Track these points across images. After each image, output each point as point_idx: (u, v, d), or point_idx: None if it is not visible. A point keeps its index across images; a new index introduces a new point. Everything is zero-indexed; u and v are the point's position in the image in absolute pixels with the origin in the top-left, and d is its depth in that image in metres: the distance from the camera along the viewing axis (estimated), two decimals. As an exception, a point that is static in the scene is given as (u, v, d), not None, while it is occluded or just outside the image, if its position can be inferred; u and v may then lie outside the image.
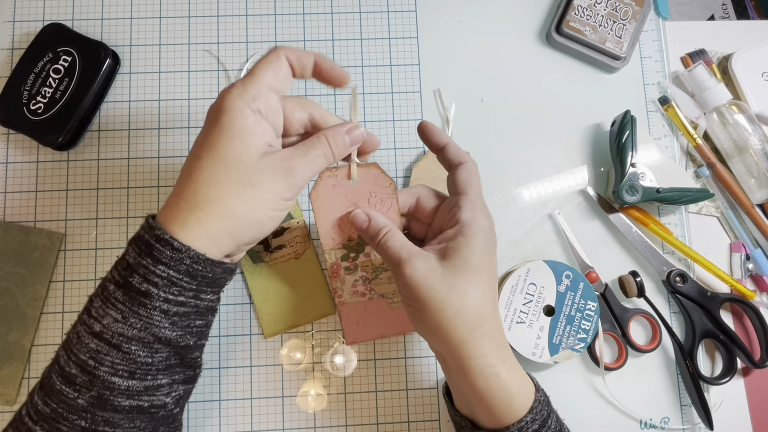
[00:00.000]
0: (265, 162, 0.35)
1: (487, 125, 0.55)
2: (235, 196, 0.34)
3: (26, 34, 0.54)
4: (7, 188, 0.51)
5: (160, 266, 0.33)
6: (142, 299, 0.33)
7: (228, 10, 0.55)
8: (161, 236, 0.33)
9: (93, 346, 0.33)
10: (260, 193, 0.34)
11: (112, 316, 0.33)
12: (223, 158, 0.34)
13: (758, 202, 0.53)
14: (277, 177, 0.35)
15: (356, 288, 0.46)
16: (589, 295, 0.49)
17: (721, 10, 0.87)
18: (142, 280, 0.33)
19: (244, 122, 0.34)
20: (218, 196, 0.34)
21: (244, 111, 0.34)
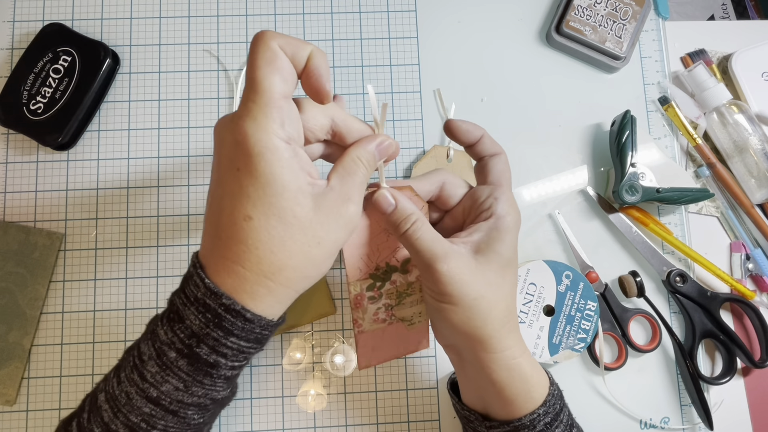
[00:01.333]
0: (323, 213, 0.31)
1: (487, 125, 0.54)
2: (304, 259, 0.31)
3: (26, 34, 0.54)
4: (7, 188, 0.51)
5: (232, 338, 0.31)
6: (209, 369, 0.31)
7: (228, 10, 0.55)
8: (231, 307, 0.30)
9: (147, 410, 0.31)
10: (326, 248, 0.32)
11: (173, 384, 0.31)
12: (279, 217, 0.30)
13: (758, 202, 0.53)
14: (338, 224, 0.32)
15: (377, 315, 0.43)
16: (589, 295, 0.49)
17: (721, 10, 0.87)
18: (211, 352, 0.31)
19: (284, 167, 0.30)
20: (286, 262, 0.31)
21: (278, 150, 0.30)
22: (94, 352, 0.49)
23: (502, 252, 0.36)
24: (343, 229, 0.32)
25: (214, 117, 0.53)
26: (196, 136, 0.53)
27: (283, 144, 0.30)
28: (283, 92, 0.30)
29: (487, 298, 0.35)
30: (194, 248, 0.51)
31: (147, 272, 0.50)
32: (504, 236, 0.36)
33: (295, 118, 0.31)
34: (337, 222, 0.32)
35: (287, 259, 0.31)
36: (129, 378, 0.31)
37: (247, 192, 0.30)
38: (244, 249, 0.30)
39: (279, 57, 0.30)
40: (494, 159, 0.39)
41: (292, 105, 0.31)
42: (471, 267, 0.35)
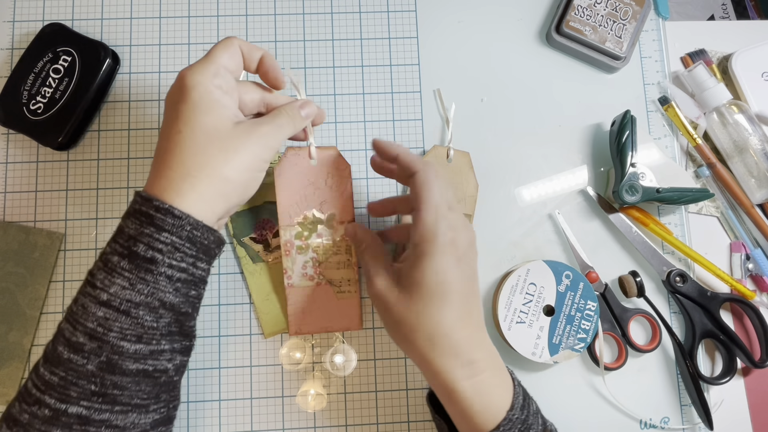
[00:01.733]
0: (240, 129, 0.38)
1: (487, 125, 0.55)
2: (223, 160, 0.37)
3: (26, 34, 0.54)
4: (7, 188, 0.51)
5: (164, 233, 0.35)
6: (148, 266, 0.35)
7: (228, 10, 0.55)
8: (161, 206, 0.35)
9: (101, 314, 0.34)
10: (243, 155, 0.38)
11: (119, 284, 0.34)
12: (202, 129, 0.37)
13: (758, 202, 0.53)
14: (253, 140, 0.38)
15: (306, 270, 0.48)
16: (589, 295, 0.49)
17: (721, 10, 0.87)
18: (147, 248, 0.35)
19: (211, 96, 0.37)
20: (207, 161, 0.36)
21: (208, 86, 0.37)
22: (94, 352, 0.49)
23: (419, 279, 0.38)
24: (257, 144, 0.38)
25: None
26: (196, 136, 0.53)
27: (212, 86, 0.37)
28: (225, 64, 0.39)
29: (407, 323, 0.38)
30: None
31: (147, 272, 0.50)
32: (421, 263, 0.38)
33: (229, 79, 0.39)
34: (251, 138, 0.38)
35: (209, 160, 0.36)
36: (82, 292, 0.35)
37: (180, 114, 0.37)
38: (171, 156, 0.36)
39: (234, 47, 0.40)
40: (411, 180, 0.41)
41: (230, 76, 0.39)
42: (393, 292, 0.39)
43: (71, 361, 0.34)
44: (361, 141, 0.53)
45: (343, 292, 0.49)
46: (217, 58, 0.38)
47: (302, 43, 0.55)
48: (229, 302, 0.50)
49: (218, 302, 0.50)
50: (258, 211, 0.51)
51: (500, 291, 0.49)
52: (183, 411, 0.49)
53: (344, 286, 0.49)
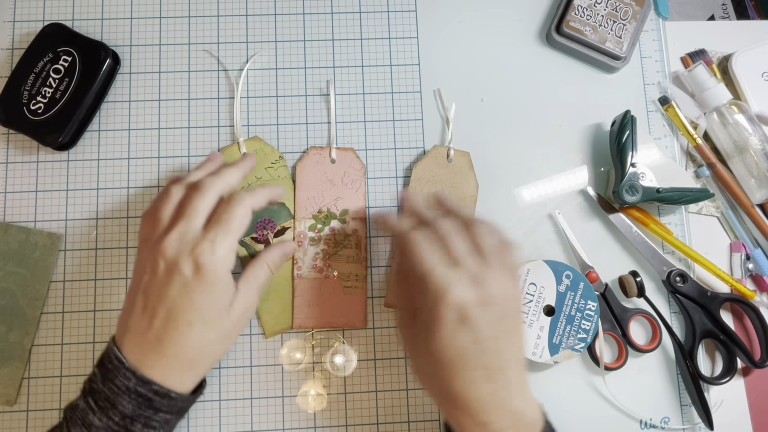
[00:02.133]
0: (237, 318, 0.40)
1: (487, 125, 0.55)
2: (220, 353, 0.41)
3: (26, 34, 0.54)
4: (7, 188, 0.51)
5: (160, 413, 0.38)
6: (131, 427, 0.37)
7: (228, 10, 0.55)
8: (160, 390, 0.38)
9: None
10: (233, 341, 0.42)
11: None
12: (210, 321, 0.39)
13: (758, 202, 0.53)
14: (244, 324, 0.42)
15: (316, 262, 0.50)
16: (589, 295, 0.49)
17: (721, 10, 0.87)
18: (143, 427, 0.38)
19: (225, 282, 0.39)
20: (209, 356, 0.40)
21: (229, 281, 0.40)
22: (94, 352, 0.49)
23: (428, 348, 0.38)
24: (243, 323, 0.42)
25: (214, 117, 0.53)
26: (196, 136, 0.53)
27: (230, 277, 0.40)
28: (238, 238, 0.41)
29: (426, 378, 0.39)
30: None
31: (147, 272, 0.50)
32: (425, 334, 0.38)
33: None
34: (244, 323, 0.42)
35: (210, 354, 0.40)
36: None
37: (195, 303, 0.38)
38: (179, 349, 0.38)
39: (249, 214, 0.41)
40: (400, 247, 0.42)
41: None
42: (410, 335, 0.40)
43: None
44: (362, 141, 0.53)
45: (350, 287, 0.50)
46: (234, 230, 0.40)
47: (302, 43, 0.55)
48: (229, 302, 0.50)
49: (218, 302, 0.50)
50: (259, 212, 0.51)
51: (500, 291, 0.49)
52: (183, 411, 0.49)
53: (351, 281, 0.50)
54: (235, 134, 0.52)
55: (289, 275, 0.50)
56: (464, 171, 0.52)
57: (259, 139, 0.52)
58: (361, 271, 0.50)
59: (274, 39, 0.55)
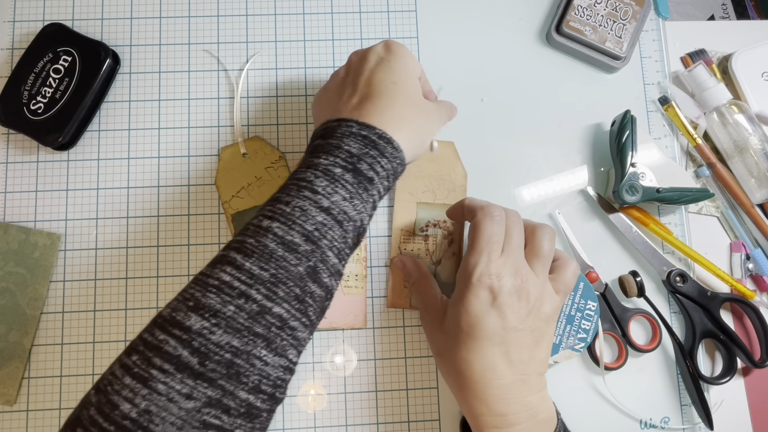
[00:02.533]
0: (429, 105, 0.44)
1: (487, 125, 0.55)
2: (424, 119, 0.42)
3: (26, 34, 0.54)
4: (7, 188, 0.51)
5: (383, 159, 0.38)
6: (367, 185, 0.37)
7: (228, 10, 0.55)
8: (383, 135, 0.38)
9: (320, 219, 0.34)
10: (432, 124, 0.44)
11: (341, 194, 0.35)
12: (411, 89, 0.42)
13: (758, 202, 0.53)
14: (434, 117, 0.44)
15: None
16: (590, 295, 0.49)
17: (721, 10, 0.87)
18: (369, 168, 0.37)
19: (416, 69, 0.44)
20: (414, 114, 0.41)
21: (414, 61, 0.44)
22: (94, 352, 0.49)
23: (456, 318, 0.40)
24: (434, 121, 0.44)
25: (214, 117, 0.53)
26: (196, 136, 0.53)
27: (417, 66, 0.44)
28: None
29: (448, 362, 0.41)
30: (194, 248, 0.51)
31: (147, 272, 0.50)
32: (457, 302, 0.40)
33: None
34: (433, 115, 0.44)
35: (415, 112, 0.41)
36: (299, 196, 0.35)
37: (393, 70, 0.41)
38: (387, 99, 0.40)
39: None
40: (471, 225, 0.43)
41: None
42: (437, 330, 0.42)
43: (285, 260, 0.33)
44: (361, 141, 0.53)
45: (350, 287, 0.50)
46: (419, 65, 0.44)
47: (302, 43, 0.55)
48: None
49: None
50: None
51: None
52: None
53: (352, 281, 0.50)
54: (235, 134, 0.52)
55: None
56: (451, 161, 0.52)
57: (259, 138, 0.52)
58: (362, 271, 0.50)
59: (274, 39, 0.55)
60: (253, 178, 0.51)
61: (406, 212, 0.51)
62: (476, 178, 0.53)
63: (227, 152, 0.52)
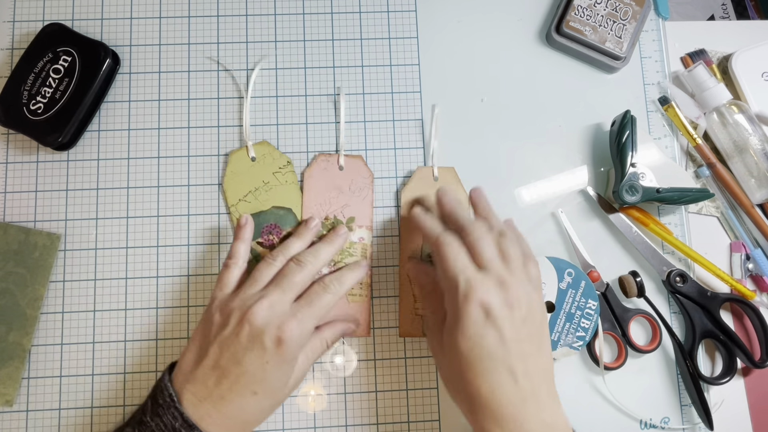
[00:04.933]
0: (291, 387, 0.43)
1: (487, 125, 0.55)
2: (268, 416, 0.43)
3: (26, 34, 0.54)
4: (7, 188, 0.51)
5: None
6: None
7: (228, 10, 0.55)
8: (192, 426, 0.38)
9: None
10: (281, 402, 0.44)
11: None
12: (273, 392, 0.41)
13: (758, 202, 0.53)
14: (291, 391, 0.44)
15: (321, 270, 0.49)
16: (590, 294, 0.49)
17: (721, 10, 0.87)
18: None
19: (300, 370, 0.43)
20: (261, 417, 0.42)
21: (298, 347, 0.42)
22: (94, 352, 0.49)
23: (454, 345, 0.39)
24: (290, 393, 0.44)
25: (214, 117, 0.53)
26: (196, 136, 0.53)
27: (303, 356, 0.43)
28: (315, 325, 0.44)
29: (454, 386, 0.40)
30: (194, 248, 0.51)
31: (147, 272, 0.50)
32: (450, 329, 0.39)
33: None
34: (290, 390, 0.44)
35: (261, 418, 0.42)
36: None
37: (266, 376, 0.40)
38: (238, 413, 0.40)
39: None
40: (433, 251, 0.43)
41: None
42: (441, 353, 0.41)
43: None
44: (361, 141, 0.53)
45: (354, 294, 0.50)
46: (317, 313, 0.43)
47: (302, 43, 0.55)
48: (229, 302, 0.50)
49: (218, 302, 0.50)
50: (265, 216, 0.51)
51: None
52: (183, 411, 0.49)
53: (356, 289, 0.50)
54: (244, 137, 0.52)
55: None
56: (452, 186, 0.52)
57: (267, 143, 0.52)
58: (366, 280, 0.50)
59: (273, 39, 0.55)
60: (261, 182, 0.51)
61: (413, 238, 0.51)
62: (476, 179, 0.53)
63: (235, 155, 0.52)
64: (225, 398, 0.40)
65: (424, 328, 0.47)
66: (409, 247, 0.51)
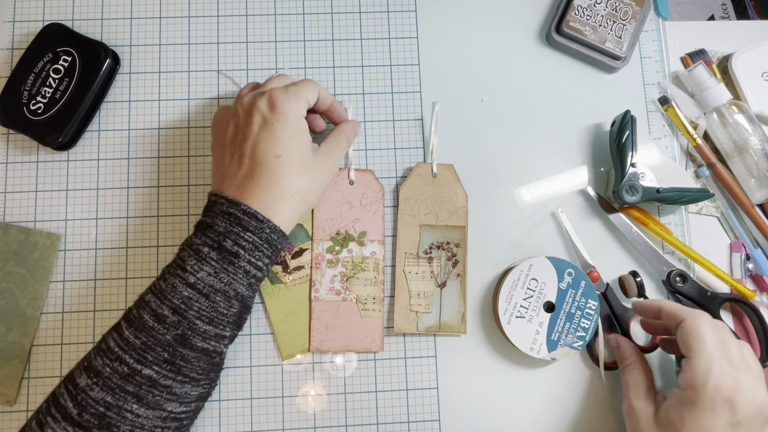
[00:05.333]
0: (319, 158, 0.45)
1: (487, 125, 0.55)
2: (309, 188, 0.44)
3: (26, 34, 0.54)
4: (7, 188, 0.51)
5: (248, 233, 0.41)
6: (232, 258, 0.40)
7: (228, 10, 0.55)
8: (247, 210, 0.41)
9: (186, 294, 0.40)
10: (323, 182, 0.46)
11: (206, 270, 0.40)
12: (296, 156, 0.43)
13: (758, 202, 0.53)
14: (329, 167, 0.46)
15: (333, 284, 0.50)
16: (590, 294, 0.49)
17: (721, 10, 0.87)
18: (233, 244, 0.41)
19: (301, 124, 0.44)
20: (299, 188, 0.44)
21: (299, 116, 0.44)
22: (94, 352, 0.49)
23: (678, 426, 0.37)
24: (329, 171, 0.46)
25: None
26: (196, 136, 0.53)
27: (300, 114, 0.44)
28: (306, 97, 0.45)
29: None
30: (194, 248, 0.51)
31: (147, 272, 0.50)
32: (684, 413, 0.38)
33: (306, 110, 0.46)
34: (327, 166, 0.46)
35: (299, 186, 0.44)
36: (172, 273, 0.41)
37: (278, 139, 0.43)
38: (270, 180, 0.42)
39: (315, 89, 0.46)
40: (678, 329, 0.41)
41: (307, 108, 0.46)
42: (649, 420, 0.41)
43: (154, 329, 0.39)
44: (361, 141, 0.53)
45: (368, 310, 0.50)
46: (305, 93, 0.45)
47: (302, 43, 0.55)
48: (229, 302, 0.50)
49: (218, 302, 0.50)
50: None
51: (502, 285, 0.49)
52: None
53: (369, 304, 0.50)
54: None
55: (306, 297, 0.50)
56: (451, 184, 0.52)
57: None
58: (380, 294, 0.50)
59: (273, 39, 0.55)
60: None
61: (410, 235, 0.51)
62: (476, 179, 0.53)
63: None
64: (253, 171, 0.42)
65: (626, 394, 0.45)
66: (405, 244, 0.51)
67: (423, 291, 0.50)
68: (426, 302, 0.50)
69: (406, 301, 0.50)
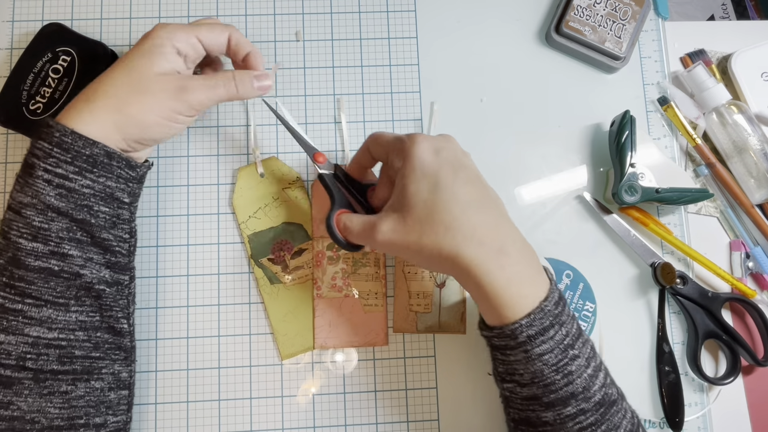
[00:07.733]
0: (163, 77, 0.41)
1: (487, 125, 0.55)
2: (128, 96, 0.41)
3: (25, 34, 0.54)
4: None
5: (39, 141, 0.40)
6: (29, 170, 0.40)
7: (228, 10, 0.55)
8: (42, 122, 0.40)
9: (7, 216, 0.40)
10: (150, 99, 0.41)
11: (15, 188, 0.40)
12: (129, 69, 0.41)
13: (758, 202, 0.53)
14: (170, 90, 0.41)
15: (335, 281, 0.50)
16: (588, 296, 0.49)
17: (721, 10, 0.87)
18: (29, 155, 0.40)
19: (158, 48, 0.41)
20: (113, 93, 0.41)
21: (164, 43, 0.41)
22: (94, 352, 0.49)
23: (411, 200, 0.39)
24: (172, 95, 0.41)
25: (213, 117, 0.53)
26: (196, 136, 0.53)
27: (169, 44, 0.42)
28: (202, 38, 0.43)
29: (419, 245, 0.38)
30: (194, 248, 0.51)
31: (147, 272, 0.50)
32: (404, 184, 0.39)
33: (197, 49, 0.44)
34: (168, 88, 0.41)
35: (115, 93, 0.41)
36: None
37: (124, 56, 0.42)
38: (91, 86, 0.41)
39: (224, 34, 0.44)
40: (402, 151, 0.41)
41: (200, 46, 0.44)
42: (396, 225, 0.40)
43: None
44: (361, 141, 0.53)
45: (370, 305, 0.50)
46: (197, 32, 0.43)
47: (302, 43, 0.55)
48: (228, 302, 0.50)
49: (218, 302, 0.50)
50: (276, 232, 0.51)
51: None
52: (182, 411, 0.49)
53: (371, 299, 0.50)
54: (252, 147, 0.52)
55: (308, 296, 0.50)
56: None
57: (276, 159, 0.52)
58: (381, 289, 0.50)
59: (273, 39, 0.55)
60: (271, 198, 0.51)
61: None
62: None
63: (244, 172, 0.52)
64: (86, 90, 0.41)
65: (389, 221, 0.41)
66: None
67: (422, 291, 0.50)
68: (425, 302, 0.50)
69: (405, 301, 0.50)
